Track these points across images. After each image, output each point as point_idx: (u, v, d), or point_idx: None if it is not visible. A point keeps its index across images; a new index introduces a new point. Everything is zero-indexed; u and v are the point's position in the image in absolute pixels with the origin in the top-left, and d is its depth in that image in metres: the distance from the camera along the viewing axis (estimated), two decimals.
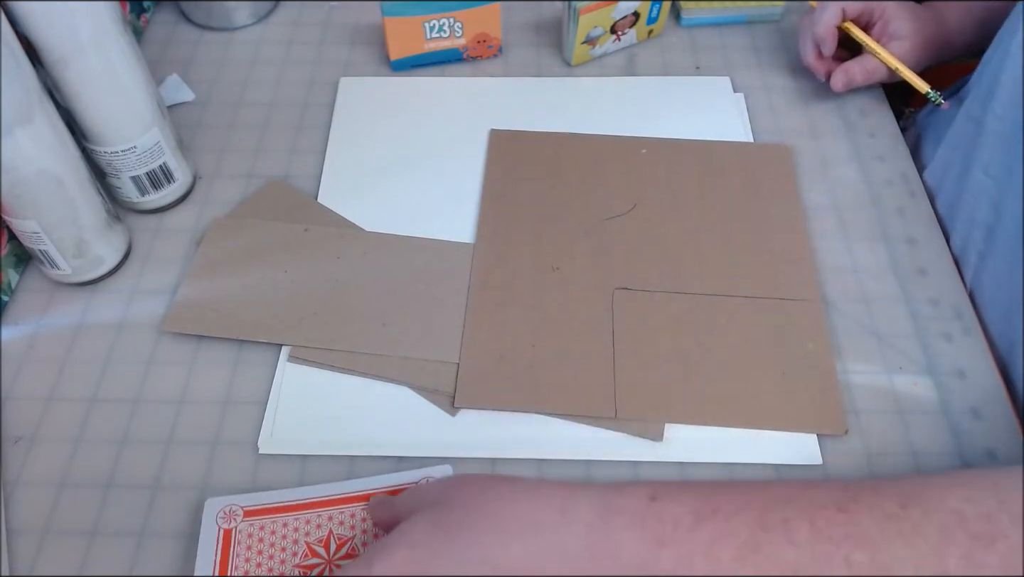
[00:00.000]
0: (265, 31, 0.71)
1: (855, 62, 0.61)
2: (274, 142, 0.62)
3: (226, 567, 0.40)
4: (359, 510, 0.42)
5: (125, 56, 0.49)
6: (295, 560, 0.40)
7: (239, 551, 0.40)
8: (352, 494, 0.42)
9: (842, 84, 0.61)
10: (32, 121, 0.44)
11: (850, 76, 0.61)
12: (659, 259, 0.54)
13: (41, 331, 0.51)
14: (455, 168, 0.60)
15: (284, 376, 0.49)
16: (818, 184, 0.59)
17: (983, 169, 0.52)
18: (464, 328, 0.50)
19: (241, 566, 0.40)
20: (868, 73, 0.61)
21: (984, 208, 0.52)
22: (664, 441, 0.46)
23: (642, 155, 0.60)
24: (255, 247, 0.54)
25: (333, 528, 0.41)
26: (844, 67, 0.61)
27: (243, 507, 0.42)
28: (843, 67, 0.61)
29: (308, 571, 0.40)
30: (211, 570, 0.40)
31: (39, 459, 0.46)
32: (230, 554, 0.40)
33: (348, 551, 0.41)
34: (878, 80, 0.62)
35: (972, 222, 0.53)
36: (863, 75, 0.61)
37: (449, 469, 0.44)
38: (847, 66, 0.61)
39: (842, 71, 0.61)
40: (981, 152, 0.52)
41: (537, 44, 0.69)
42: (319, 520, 0.41)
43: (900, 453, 0.46)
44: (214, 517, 0.42)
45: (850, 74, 0.61)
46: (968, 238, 0.53)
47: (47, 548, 0.43)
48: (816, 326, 0.50)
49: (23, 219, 0.48)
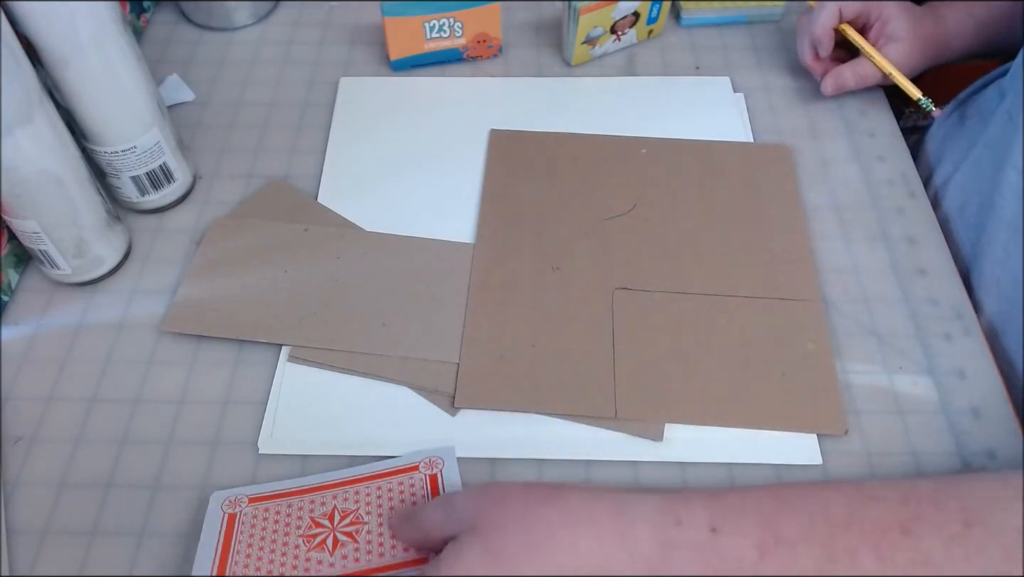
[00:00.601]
0: (265, 31, 0.71)
1: (848, 66, 0.61)
2: (274, 142, 0.62)
3: (228, 545, 0.40)
4: (362, 488, 0.42)
5: (125, 56, 0.49)
6: (299, 532, 0.40)
7: (243, 529, 0.41)
8: (355, 477, 0.43)
9: (832, 88, 0.61)
10: (32, 121, 0.44)
11: (841, 80, 0.61)
12: (659, 259, 0.54)
13: (41, 331, 0.51)
14: (455, 168, 0.60)
15: (284, 376, 0.49)
16: (818, 184, 0.59)
17: (1013, 166, 0.51)
18: (464, 328, 0.50)
19: (244, 541, 0.40)
20: (860, 78, 0.61)
21: (1012, 206, 0.51)
22: (664, 441, 0.46)
23: (642, 155, 0.60)
24: (255, 247, 0.54)
25: (337, 504, 0.41)
26: (836, 71, 0.61)
27: (248, 495, 0.42)
28: (835, 71, 0.61)
29: (311, 540, 0.40)
30: (213, 549, 0.40)
31: (39, 459, 0.46)
32: (233, 532, 0.40)
33: (352, 520, 0.41)
34: (871, 84, 0.62)
35: (1000, 221, 0.52)
36: (855, 79, 0.61)
37: (454, 451, 0.44)
38: (839, 70, 0.61)
39: (833, 75, 0.61)
40: (1014, 150, 0.51)
41: (537, 44, 0.69)
42: (323, 499, 0.42)
43: (900, 453, 0.46)
44: (219, 505, 0.42)
45: (841, 78, 0.61)
46: (994, 237, 0.52)
47: (47, 548, 0.43)
48: (816, 326, 0.50)
49: (23, 219, 0.48)
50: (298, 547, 0.40)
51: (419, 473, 0.43)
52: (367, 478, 0.43)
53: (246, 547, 0.40)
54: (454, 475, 0.43)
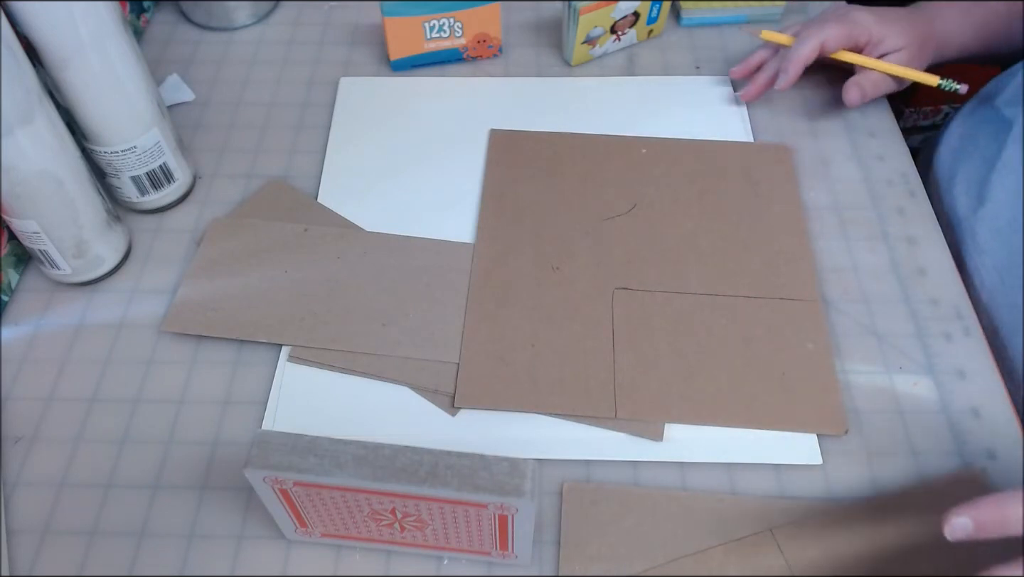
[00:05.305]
0: (265, 31, 0.71)
1: (862, 76, 0.60)
2: (274, 142, 0.62)
3: (294, 505, 0.38)
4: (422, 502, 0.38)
5: (125, 56, 0.49)
6: (363, 514, 0.38)
7: (301, 500, 0.38)
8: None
9: (858, 99, 0.60)
10: (32, 121, 0.44)
11: (863, 90, 0.59)
12: (659, 259, 0.54)
13: (41, 331, 0.51)
14: (455, 168, 0.60)
15: (284, 376, 0.49)
16: (818, 184, 0.59)
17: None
18: (464, 328, 0.50)
19: (309, 506, 0.38)
20: (874, 84, 0.60)
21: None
22: (664, 441, 0.46)
23: (642, 155, 0.60)
24: (255, 247, 0.54)
25: (397, 505, 0.38)
26: (854, 80, 0.60)
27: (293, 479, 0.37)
28: (853, 80, 0.60)
29: (379, 520, 0.39)
30: (286, 513, 0.39)
31: (39, 459, 0.46)
32: (292, 499, 0.38)
33: (415, 520, 0.38)
34: (884, 91, 0.61)
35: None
36: (871, 87, 0.60)
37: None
38: (857, 80, 0.60)
39: (855, 84, 0.59)
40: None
41: (537, 44, 0.69)
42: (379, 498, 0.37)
43: (900, 453, 0.46)
44: (261, 480, 0.36)
45: (863, 87, 0.59)
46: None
47: (47, 548, 0.43)
48: (816, 326, 0.50)
49: (23, 219, 0.48)
50: (367, 523, 0.39)
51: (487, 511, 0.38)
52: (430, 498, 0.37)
53: (313, 509, 0.38)
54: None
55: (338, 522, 0.40)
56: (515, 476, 0.36)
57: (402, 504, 0.37)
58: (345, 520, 0.39)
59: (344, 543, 0.42)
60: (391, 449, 0.36)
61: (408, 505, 0.37)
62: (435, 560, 0.42)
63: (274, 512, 0.39)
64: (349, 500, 0.37)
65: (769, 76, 0.61)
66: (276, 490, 0.37)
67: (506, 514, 0.37)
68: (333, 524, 0.40)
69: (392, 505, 0.37)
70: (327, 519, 0.40)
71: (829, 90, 0.63)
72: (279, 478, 0.36)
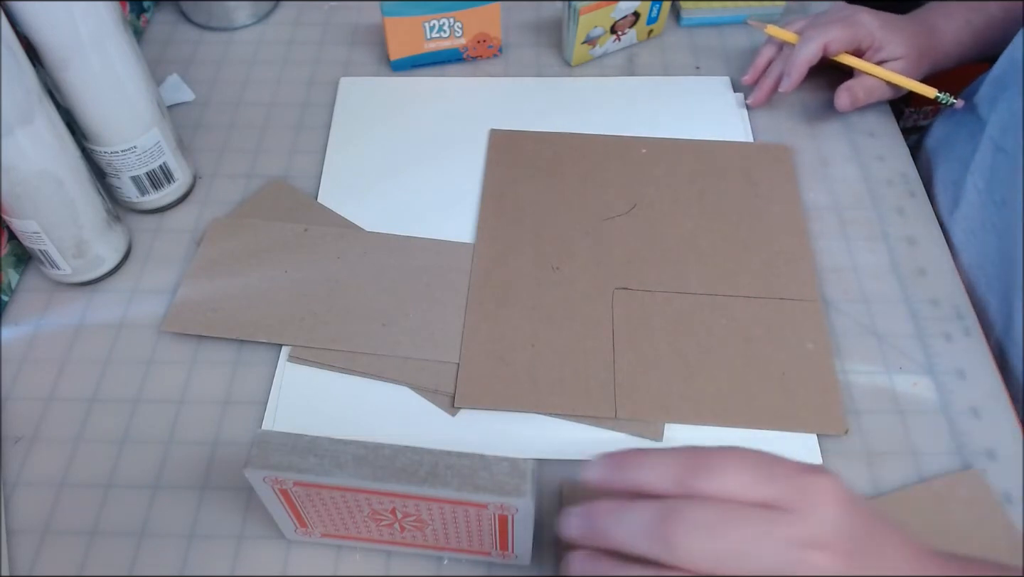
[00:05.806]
0: (265, 31, 0.71)
1: (856, 81, 0.60)
2: (274, 142, 0.62)
3: (294, 505, 0.38)
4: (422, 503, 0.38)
5: (125, 56, 0.49)
6: (363, 514, 0.38)
7: (300, 499, 0.38)
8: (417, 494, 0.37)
9: (849, 104, 0.60)
10: (32, 121, 0.44)
11: (854, 95, 0.60)
12: (659, 259, 0.54)
13: (41, 331, 0.51)
14: (455, 168, 0.60)
15: (284, 376, 0.49)
16: (818, 184, 0.59)
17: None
18: (464, 328, 0.50)
19: (308, 506, 0.38)
20: (868, 91, 0.60)
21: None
22: (664, 441, 0.46)
23: (642, 155, 0.60)
24: (255, 247, 0.54)
25: (397, 505, 0.38)
26: (847, 85, 0.60)
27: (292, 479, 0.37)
28: (846, 85, 0.60)
29: (379, 520, 0.38)
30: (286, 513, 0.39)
31: (39, 459, 0.46)
32: (292, 499, 0.38)
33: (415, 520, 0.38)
34: (878, 98, 0.61)
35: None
36: (865, 93, 0.60)
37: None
38: (850, 84, 0.60)
39: (846, 90, 0.60)
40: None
41: (537, 44, 0.69)
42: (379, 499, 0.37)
43: (900, 453, 0.46)
44: (261, 480, 0.36)
45: (853, 92, 0.60)
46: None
47: (47, 548, 0.43)
48: (816, 326, 0.50)
49: (23, 219, 0.48)
50: (367, 524, 0.39)
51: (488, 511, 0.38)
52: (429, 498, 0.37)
53: (313, 509, 0.38)
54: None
55: (338, 522, 0.40)
56: (515, 476, 0.36)
57: (402, 504, 0.37)
58: (345, 520, 0.39)
59: (344, 543, 0.42)
60: (391, 449, 0.36)
61: (408, 505, 0.37)
62: (435, 560, 0.42)
63: (274, 512, 0.40)
64: (349, 500, 0.37)
65: (774, 79, 0.61)
66: (276, 490, 0.37)
67: (506, 514, 0.37)
68: (333, 524, 0.40)
69: (392, 505, 0.37)
70: (327, 519, 0.40)
71: (829, 91, 0.63)
72: (279, 478, 0.36)
